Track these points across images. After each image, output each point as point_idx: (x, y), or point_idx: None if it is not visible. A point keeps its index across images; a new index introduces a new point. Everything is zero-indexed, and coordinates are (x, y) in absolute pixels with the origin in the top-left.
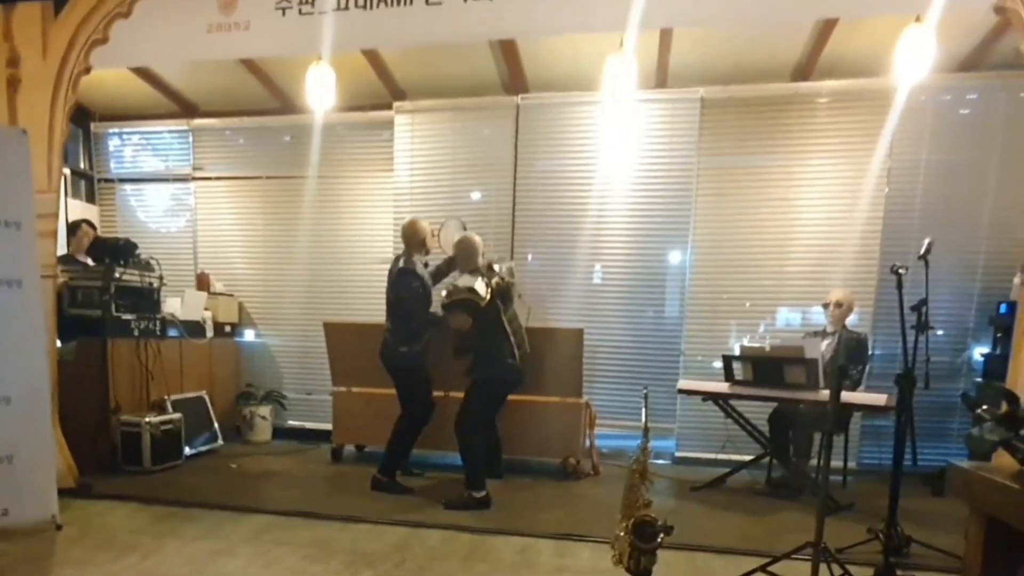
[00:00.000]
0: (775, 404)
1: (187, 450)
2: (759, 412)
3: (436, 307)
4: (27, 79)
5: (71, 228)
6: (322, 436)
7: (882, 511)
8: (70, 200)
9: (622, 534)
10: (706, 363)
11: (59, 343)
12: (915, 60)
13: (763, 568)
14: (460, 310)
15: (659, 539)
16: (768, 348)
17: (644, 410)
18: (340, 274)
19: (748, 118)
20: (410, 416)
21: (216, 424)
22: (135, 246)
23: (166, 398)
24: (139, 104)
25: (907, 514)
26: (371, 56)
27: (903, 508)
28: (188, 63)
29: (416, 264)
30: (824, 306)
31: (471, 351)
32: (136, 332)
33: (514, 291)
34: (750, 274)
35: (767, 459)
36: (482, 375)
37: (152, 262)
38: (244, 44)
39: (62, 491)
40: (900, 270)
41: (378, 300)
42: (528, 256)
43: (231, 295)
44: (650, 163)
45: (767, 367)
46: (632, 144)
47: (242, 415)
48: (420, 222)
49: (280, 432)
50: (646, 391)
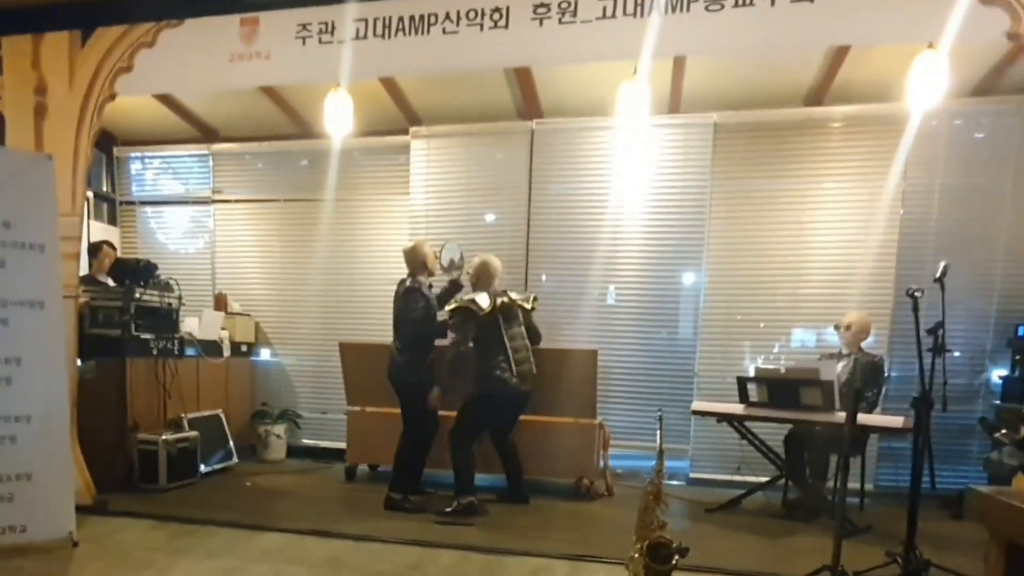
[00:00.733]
0: (790, 426)
1: (203, 468)
2: (774, 434)
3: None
4: (54, 106)
5: (92, 249)
6: (336, 455)
7: (900, 534)
8: (92, 222)
9: (636, 556)
10: (720, 384)
11: (79, 362)
12: (928, 86)
13: None
14: (459, 317)
15: (674, 561)
16: (783, 370)
17: (659, 432)
18: (356, 295)
19: (761, 142)
20: (410, 434)
21: (231, 442)
22: (155, 267)
23: (183, 416)
24: (161, 129)
25: (926, 537)
26: (388, 83)
27: (921, 531)
28: (209, 91)
29: (422, 284)
30: (836, 328)
31: (462, 370)
32: (154, 351)
33: (522, 314)
34: (764, 296)
35: (783, 481)
36: (475, 389)
37: (171, 283)
38: (265, 72)
39: (79, 508)
40: (916, 293)
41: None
42: (542, 277)
43: (248, 315)
44: (663, 187)
45: (782, 389)
46: (645, 168)
47: (257, 433)
48: (422, 245)
49: (294, 451)
50: (660, 413)
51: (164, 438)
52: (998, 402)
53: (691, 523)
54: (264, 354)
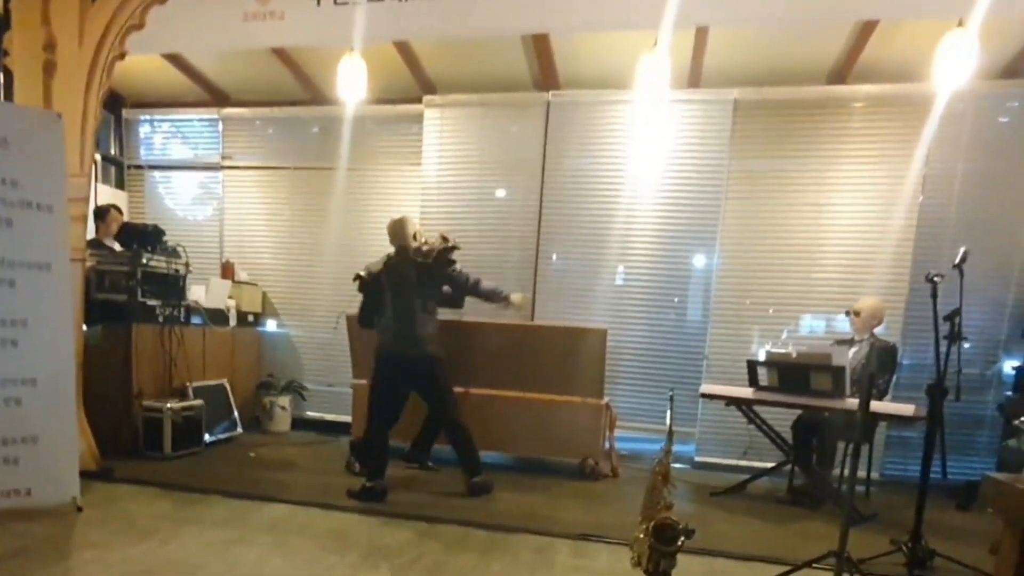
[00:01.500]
0: (799, 411)
1: (207, 437)
2: (782, 419)
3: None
4: (63, 64)
5: (100, 213)
6: (341, 428)
7: (905, 523)
8: (99, 185)
9: (642, 536)
10: (730, 368)
11: (85, 327)
12: (955, 66)
13: None
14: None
15: (680, 542)
16: (794, 354)
17: (669, 412)
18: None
19: (781, 121)
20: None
21: (236, 412)
22: (163, 232)
23: (188, 385)
24: (170, 92)
25: (931, 527)
26: (403, 49)
27: (927, 520)
28: (221, 52)
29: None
30: (847, 313)
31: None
32: (161, 318)
33: (416, 270)
34: (778, 279)
35: (789, 467)
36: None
37: (179, 249)
38: (278, 33)
39: (84, 474)
40: (936, 278)
41: None
42: (553, 256)
43: (255, 284)
44: (680, 164)
45: (793, 373)
46: (663, 145)
47: (262, 404)
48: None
49: (299, 423)
50: (672, 393)
51: (169, 406)
52: (1010, 393)
53: (696, 506)
54: (271, 324)
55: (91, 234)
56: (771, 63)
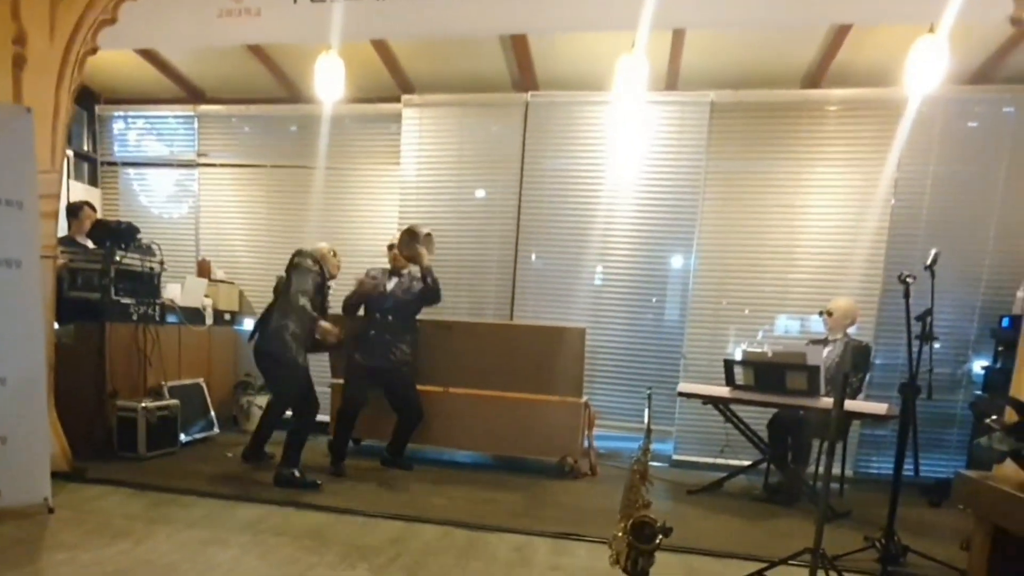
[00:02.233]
0: (775, 410)
1: (183, 437)
2: (758, 417)
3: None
4: (33, 57)
5: (73, 210)
6: (319, 428)
7: (878, 520)
8: (72, 182)
9: (620, 534)
10: (706, 367)
11: (57, 325)
12: (926, 71)
13: (760, 572)
14: None
15: (658, 540)
16: (770, 353)
17: (647, 411)
18: (343, 266)
19: (757, 123)
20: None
21: (213, 412)
22: (136, 230)
23: (163, 384)
24: (145, 88)
25: (903, 524)
26: (381, 48)
27: (900, 517)
28: (196, 48)
29: None
30: (821, 313)
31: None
32: (135, 317)
33: (297, 277)
34: (754, 280)
35: (765, 464)
36: None
37: (153, 247)
38: (254, 30)
39: (56, 474)
40: (908, 279)
41: None
42: (532, 255)
43: (232, 283)
44: (658, 166)
45: (769, 372)
46: (640, 146)
47: (239, 404)
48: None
49: (277, 423)
50: (649, 392)
51: (144, 406)
52: (979, 392)
53: (673, 504)
54: (248, 323)
55: (64, 231)
56: (747, 66)
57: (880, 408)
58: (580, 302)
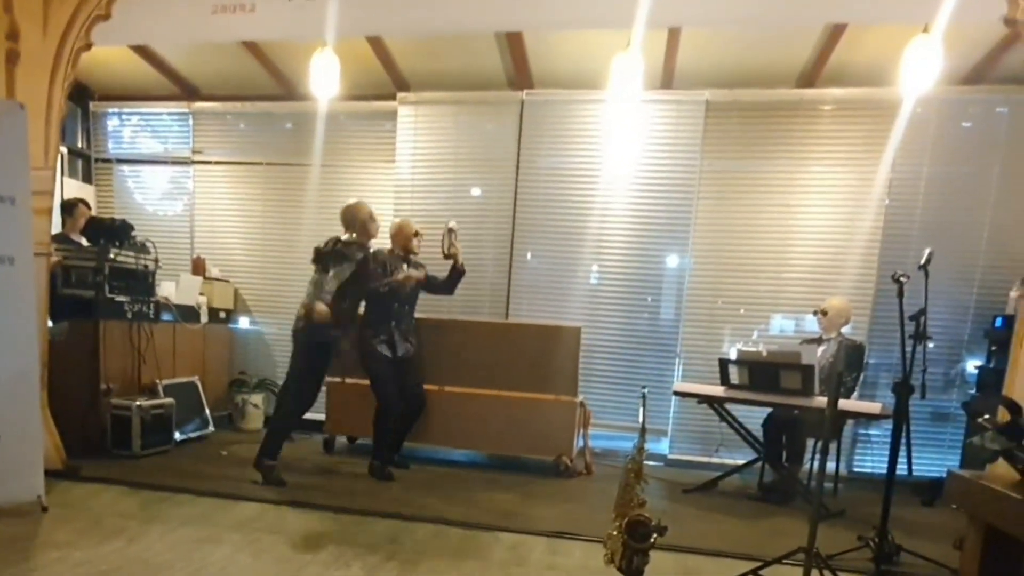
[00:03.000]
0: (769, 409)
1: (177, 435)
2: (754, 416)
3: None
4: (26, 53)
5: (67, 207)
6: (314, 426)
7: (872, 519)
8: (66, 179)
9: (615, 533)
10: (702, 366)
11: (51, 323)
12: (920, 71)
13: (754, 572)
14: None
15: (652, 539)
16: (765, 353)
17: (642, 410)
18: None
19: (752, 122)
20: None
21: (207, 410)
22: (131, 227)
23: (157, 382)
24: (139, 84)
25: (897, 523)
26: (376, 45)
27: (893, 516)
28: (191, 44)
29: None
30: (815, 313)
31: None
32: (129, 314)
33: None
34: (749, 279)
35: (759, 463)
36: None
37: (148, 244)
38: (249, 27)
39: (49, 473)
40: (902, 278)
41: None
42: (527, 255)
43: (227, 281)
44: (653, 164)
45: (763, 372)
46: (636, 144)
47: (234, 402)
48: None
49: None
50: (644, 391)
51: (138, 404)
52: (973, 392)
53: (668, 503)
54: (243, 321)
55: (58, 228)
56: (742, 65)
57: (874, 407)
58: (575, 301)
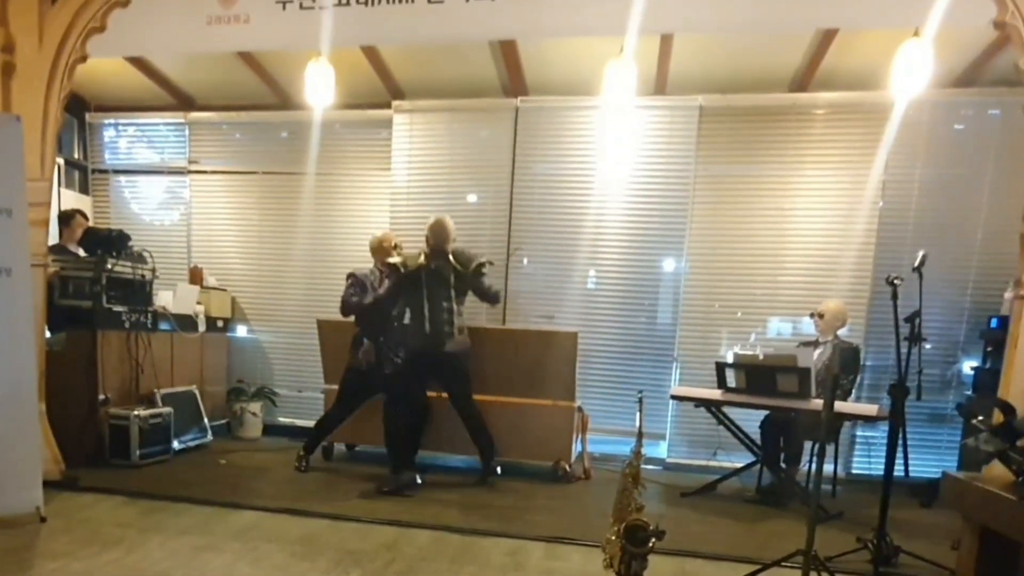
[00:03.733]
0: (767, 412)
1: (176, 444)
2: (751, 419)
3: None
4: (22, 65)
5: (65, 218)
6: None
7: (871, 520)
8: (63, 190)
9: (613, 538)
10: (699, 370)
11: (48, 333)
12: (912, 74)
13: (753, 575)
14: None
15: (651, 543)
16: (761, 356)
17: (639, 414)
18: (334, 272)
19: (745, 127)
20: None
21: (206, 419)
22: (128, 238)
23: (156, 391)
24: (135, 95)
25: (895, 524)
26: (370, 54)
27: (891, 518)
28: (186, 55)
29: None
30: (811, 315)
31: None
32: (127, 324)
33: (455, 276)
34: (744, 283)
35: (757, 467)
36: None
37: (145, 254)
38: (243, 37)
39: (47, 483)
40: (896, 281)
41: None
42: (524, 260)
43: (224, 290)
44: (647, 170)
45: (760, 375)
46: (630, 150)
47: (232, 411)
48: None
49: (271, 429)
50: (640, 395)
51: (136, 413)
52: (969, 393)
53: (667, 507)
54: (240, 330)
55: (55, 239)
56: (735, 71)
57: (871, 409)
58: (572, 306)
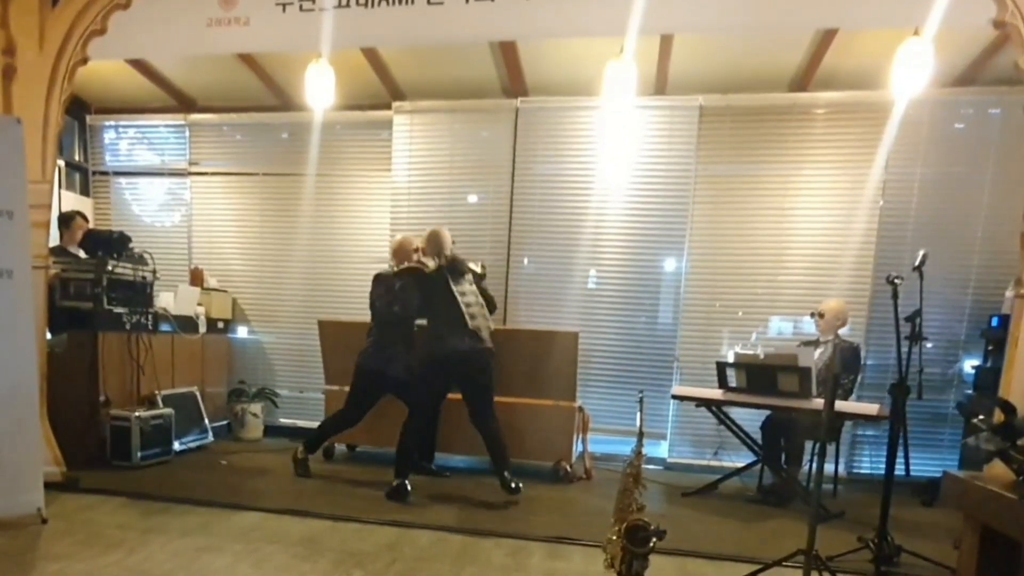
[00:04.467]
0: (768, 411)
1: (177, 446)
2: (752, 419)
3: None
4: (23, 68)
5: (65, 220)
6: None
7: (872, 520)
8: (64, 192)
9: (614, 538)
10: (700, 370)
11: (49, 335)
12: (912, 74)
13: (754, 575)
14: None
15: (652, 543)
16: (762, 356)
17: (639, 414)
18: (335, 272)
19: (746, 127)
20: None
21: (207, 420)
22: (129, 239)
23: (157, 393)
24: (136, 97)
25: (897, 523)
26: (370, 55)
27: (893, 517)
28: (186, 57)
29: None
30: (812, 315)
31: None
32: (128, 326)
33: (469, 273)
34: (745, 282)
35: (758, 466)
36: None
37: (145, 256)
38: (244, 39)
39: (49, 485)
40: (896, 280)
41: None
42: (524, 260)
43: (225, 291)
44: (648, 170)
45: (761, 375)
46: (630, 150)
47: (233, 412)
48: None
49: (272, 430)
50: (641, 395)
51: (137, 415)
52: (970, 392)
53: (668, 507)
54: (241, 331)
55: (56, 241)
56: (735, 71)
57: (871, 408)
58: (573, 306)
